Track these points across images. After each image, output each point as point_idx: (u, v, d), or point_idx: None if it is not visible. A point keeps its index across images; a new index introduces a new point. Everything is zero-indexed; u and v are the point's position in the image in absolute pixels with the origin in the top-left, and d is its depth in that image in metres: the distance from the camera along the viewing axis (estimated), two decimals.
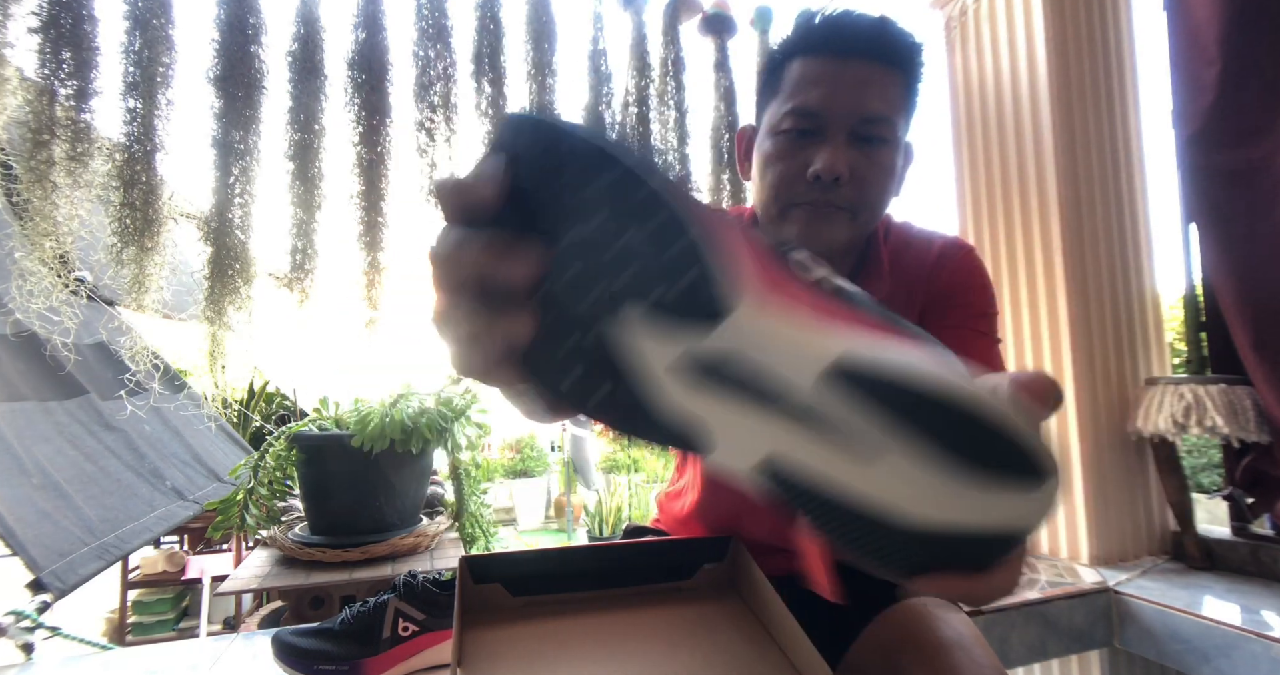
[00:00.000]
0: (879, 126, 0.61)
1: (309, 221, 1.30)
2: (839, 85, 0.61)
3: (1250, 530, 1.36)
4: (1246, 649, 1.03)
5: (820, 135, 0.62)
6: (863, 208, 0.63)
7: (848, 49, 0.61)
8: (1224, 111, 1.35)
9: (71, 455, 1.76)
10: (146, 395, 1.81)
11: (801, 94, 0.62)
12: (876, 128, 0.61)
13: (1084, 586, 1.24)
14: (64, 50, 1.10)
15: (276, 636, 0.83)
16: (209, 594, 2.56)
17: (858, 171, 0.61)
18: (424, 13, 1.39)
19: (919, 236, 0.75)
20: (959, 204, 1.69)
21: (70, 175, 1.11)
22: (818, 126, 0.62)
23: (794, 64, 0.64)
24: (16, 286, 1.10)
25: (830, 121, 0.61)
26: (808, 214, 0.63)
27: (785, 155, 0.63)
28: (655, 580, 0.62)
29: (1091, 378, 1.41)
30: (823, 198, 0.62)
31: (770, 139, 0.65)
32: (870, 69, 0.61)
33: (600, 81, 1.61)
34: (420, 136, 1.39)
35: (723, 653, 0.53)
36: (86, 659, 0.96)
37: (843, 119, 0.61)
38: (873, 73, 0.61)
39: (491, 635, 0.54)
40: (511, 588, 0.59)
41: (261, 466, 1.39)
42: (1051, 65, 1.44)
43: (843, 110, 0.61)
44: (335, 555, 1.29)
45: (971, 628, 0.63)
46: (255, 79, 1.25)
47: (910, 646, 0.60)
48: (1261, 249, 1.30)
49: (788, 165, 0.63)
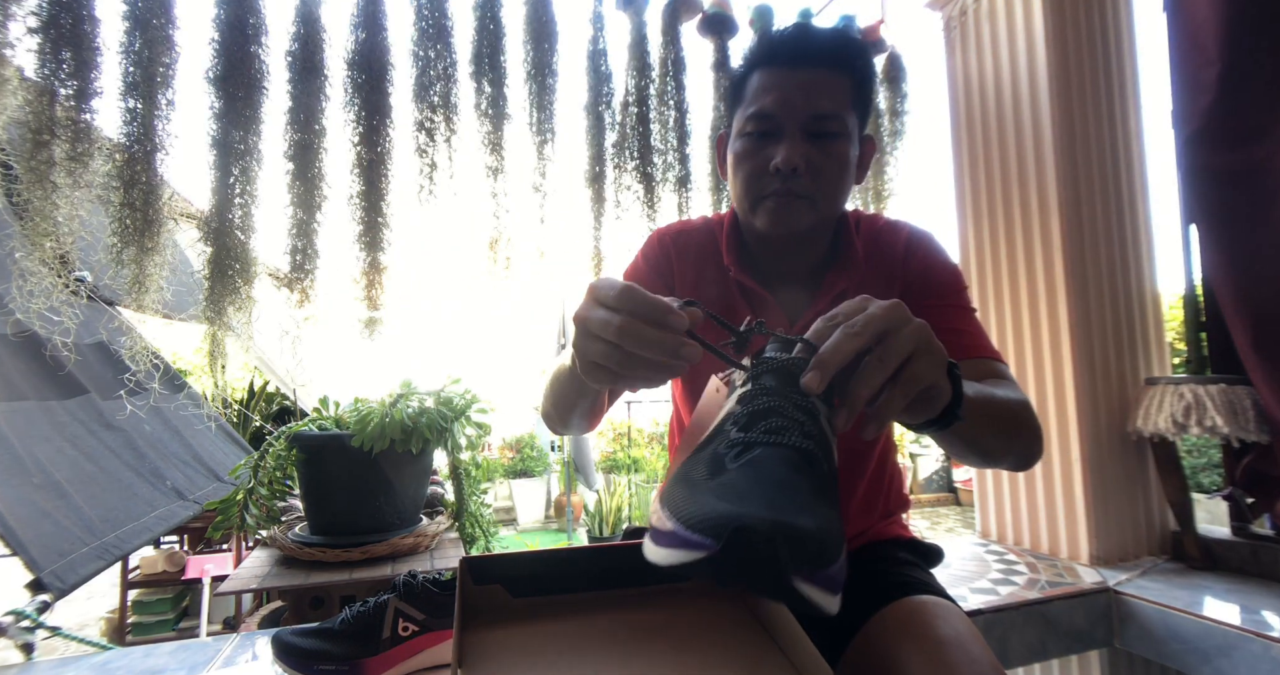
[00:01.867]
0: (829, 122, 0.70)
1: (309, 221, 1.30)
2: (790, 89, 0.70)
3: (1250, 530, 1.36)
4: (1246, 649, 1.03)
5: (779, 134, 0.71)
6: (821, 195, 0.72)
7: (797, 58, 0.71)
8: (1224, 111, 1.35)
9: (72, 455, 1.76)
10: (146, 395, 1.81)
11: (759, 100, 0.71)
12: (827, 123, 0.70)
13: (1084, 586, 1.24)
14: (64, 50, 1.10)
15: (276, 637, 0.83)
16: (209, 594, 2.56)
17: (814, 162, 0.70)
18: (424, 13, 1.39)
19: (887, 226, 0.82)
20: (959, 204, 1.69)
21: (70, 175, 1.11)
22: (775, 127, 0.71)
23: (754, 75, 0.73)
24: (17, 286, 1.10)
25: (785, 121, 0.70)
26: (775, 203, 0.72)
27: (750, 154, 0.73)
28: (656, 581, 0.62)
29: (1091, 378, 1.41)
30: (785, 187, 0.71)
31: (738, 141, 0.75)
32: (818, 73, 0.70)
33: (600, 81, 1.61)
34: (420, 136, 1.39)
35: (723, 653, 0.53)
36: (86, 659, 0.96)
37: (796, 118, 0.70)
38: (820, 76, 0.70)
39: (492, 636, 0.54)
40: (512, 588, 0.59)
41: (261, 466, 1.39)
42: (1051, 65, 1.44)
43: (795, 110, 0.70)
44: (335, 555, 1.29)
45: (969, 625, 0.63)
46: (255, 79, 1.25)
47: (908, 644, 0.61)
48: (1262, 249, 1.30)
49: (753, 163, 0.73)
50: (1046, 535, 1.47)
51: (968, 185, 1.67)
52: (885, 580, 0.72)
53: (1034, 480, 1.50)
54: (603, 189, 1.61)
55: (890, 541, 0.85)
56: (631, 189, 1.64)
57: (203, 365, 1.29)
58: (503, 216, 1.48)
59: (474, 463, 1.58)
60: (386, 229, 1.37)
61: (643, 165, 1.64)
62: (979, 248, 1.63)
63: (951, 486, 6.60)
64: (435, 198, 1.40)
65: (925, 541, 0.88)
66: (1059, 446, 1.44)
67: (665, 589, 0.62)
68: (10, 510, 1.39)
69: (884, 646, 0.62)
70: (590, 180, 1.60)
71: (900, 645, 0.61)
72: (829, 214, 0.74)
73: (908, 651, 0.60)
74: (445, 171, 1.41)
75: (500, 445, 6.59)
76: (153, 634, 2.80)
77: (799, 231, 0.74)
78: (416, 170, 1.39)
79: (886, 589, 0.69)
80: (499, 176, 1.47)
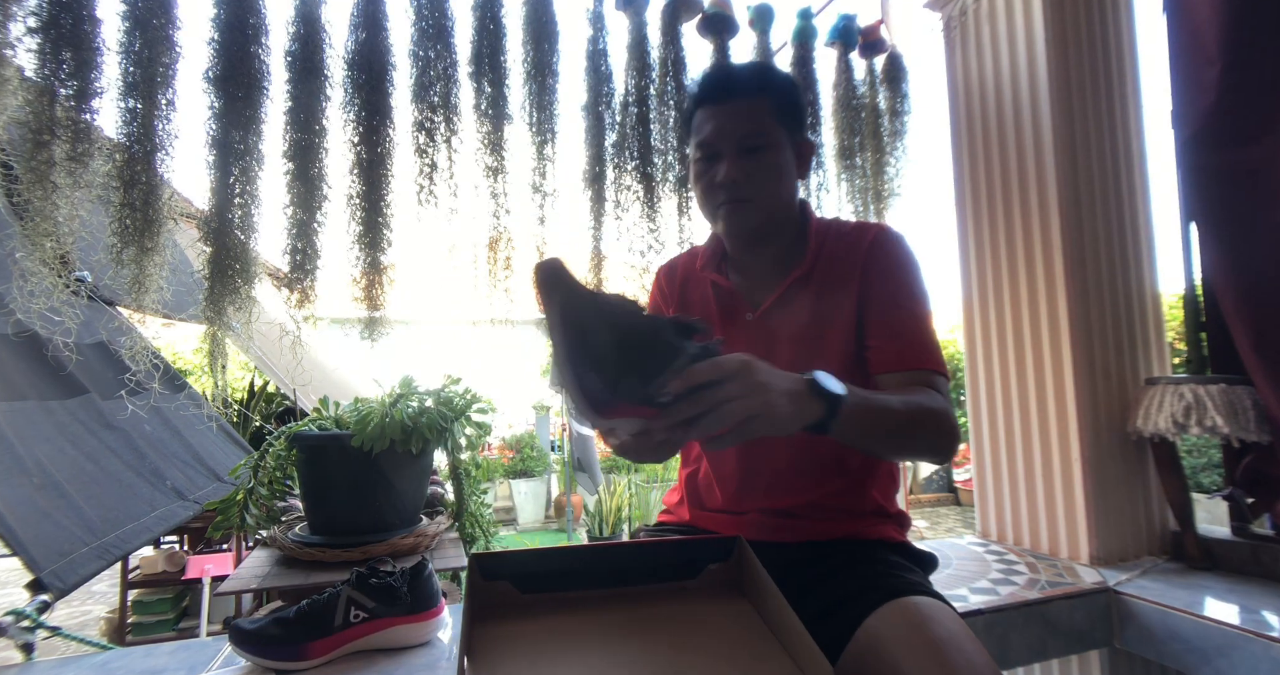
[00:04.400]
0: (755, 139, 0.85)
1: (309, 221, 1.30)
2: (722, 119, 0.86)
3: (1250, 530, 1.36)
4: (1246, 649, 1.03)
5: (719, 156, 0.86)
6: (762, 196, 0.86)
7: (719, 94, 0.87)
8: (1224, 111, 1.35)
9: (72, 455, 1.76)
10: (147, 395, 1.82)
11: (701, 132, 0.88)
12: (753, 140, 0.85)
13: (1084, 586, 1.24)
14: (64, 50, 1.10)
15: (234, 625, 0.88)
16: (209, 594, 2.56)
17: (749, 173, 0.85)
18: (424, 13, 1.39)
19: (855, 227, 0.92)
20: (959, 204, 1.69)
21: (70, 175, 1.11)
22: (715, 151, 0.87)
23: (697, 113, 0.89)
24: (17, 286, 1.10)
25: (722, 145, 0.86)
26: (726, 210, 0.87)
27: (701, 175, 0.89)
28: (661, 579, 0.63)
29: (1091, 378, 1.41)
30: (730, 196, 0.86)
31: (692, 167, 0.91)
32: (741, 102, 0.86)
33: (600, 81, 1.61)
34: (420, 137, 1.39)
35: (727, 650, 0.53)
36: (86, 659, 0.96)
37: (729, 141, 0.85)
38: (743, 104, 0.86)
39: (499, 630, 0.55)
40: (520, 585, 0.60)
41: (261, 466, 1.39)
42: (1051, 65, 1.44)
43: (727, 135, 0.85)
44: (335, 555, 1.29)
45: (963, 625, 0.64)
46: (255, 79, 1.25)
47: (904, 646, 0.61)
48: (1262, 249, 1.30)
49: (705, 182, 0.89)
50: (1046, 535, 1.47)
51: (968, 185, 1.67)
52: (879, 581, 0.73)
53: (1034, 480, 1.50)
54: (603, 189, 1.61)
55: (882, 543, 0.86)
56: (631, 189, 1.64)
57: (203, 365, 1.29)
58: (503, 217, 1.48)
59: (474, 463, 1.58)
60: (386, 229, 1.37)
61: (643, 165, 1.64)
62: (979, 248, 1.63)
63: (951, 486, 6.60)
64: (435, 198, 1.40)
65: (919, 548, 0.89)
66: (1059, 446, 1.44)
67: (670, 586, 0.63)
68: (10, 510, 1.39)
69: (881, 647, 0.63)
70: (590, 180, 1.60)
71: (897, 646, 0.62)
72: (774, 210, 0.88)
73: (905, 652, 0.60)
74: (445, 172, 1.41)
75: (500, 445, 6.59)
76: (153, 634, 2.80)
77: (753, 228, 0.88)
78: (416, 170, 1.39)
79: (880, 589, 0.70)
80: (499, 177, 1.47)
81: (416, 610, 0.94)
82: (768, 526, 0.87)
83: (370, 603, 0.90)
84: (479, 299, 1.51)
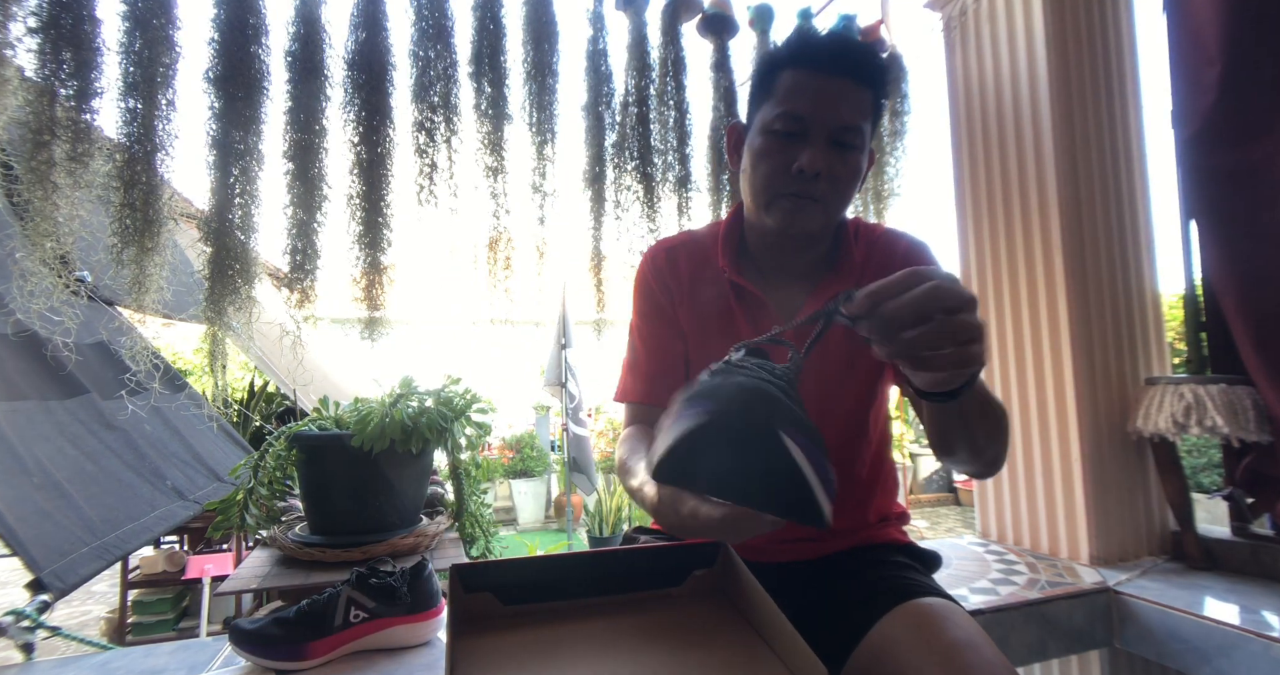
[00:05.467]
0: (852, 134, 0.73)
1: (309, 221, 1.30)
2: (823, 95, 0.72)
3: (1250, 530, 1.36)
4: (1246, 649, 1.03)
5: (804, 137, 0.73)
6: (833, 201, 0.75)
7: (833, 66, 0.72)
8: (1224, 111, 1.35)
9: (72, 455, 1.76)
10: (147, 395, 1.82)
11: (792, 101, 0.73)
12: (850, 135, 0.73)
13: (1084, 586, 1.24)
14: (64, 50, 1.10)
15: (234, 625, 0.88)
16: (209, 594, 2.56)
17: (833, 170, 0.73)
18: (424, 13, 1.39)
19: (885, 235, 0.85)
20: (959, 204, 1.69)
21: (70, 175, 1.11)
22: (802, 129, 0.73)
23: (786, 73, 0.74)
24: (17, 286, 1.10)
25: (813, 126, 0.73)
26: (790, 204, 0.75)
27: (774, 152, 0.74)
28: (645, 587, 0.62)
29: (1091, 378, 1.41)
30: (802, 190, 0.73)
31: (761, 136, 0.76)
32: (849, 85, 0.73)
33: (600, 81, 1.61)
34: (420, 137, 1.39)
35: (715, 657, 0.53)
36: (86, 659, 0.96)
37: (824, 125, 0.72)
38: (850, 88, 0.73)
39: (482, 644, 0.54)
40: (502, 596, 0.59)
41: (261, 466, 1.39)
42: (1051, 65, 1.44)
43: (825, 117, 0.72)
44: (335, 555, 1.29)
45: (977, 626, 0.64)
46: (255, 79, 1.25)
47: (920, 648, 0.60)
48: (1262, 249, 1.30)
49: (775, 161, 0.74)
50: (1046, 535, 1.47)
51: (968, 185, 1.67)
52: (888, 583, 0.72)
53: (1034, 480, 1.50)
54: (603, 189, 1.61)
55: (887, 545, 0.85)
56: (631, 189, 1.64)
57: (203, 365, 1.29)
58: (503, 217, 1.47)
59: (474, 463, 1.57)
60: (386, 229, 1.37)
61: (643, 165, 1.64)
62: (979, 248, 1.63)
63: (951, 486, 6.60)
64: (435, 198, 1.40)
65: (924, 548, 0.88)
66: (1059, 446, 1.44)
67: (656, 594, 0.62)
68: (10, 510, 1.39)
69: (894, 650, 0.62)
70: (590, 180, 1.60)
71: (912, 649, 0.61)
72: (835, 219, 0.79)
73: (920, 655, 0.60)
74: (445, 172, 1.41)
75: (500, 445, 6.59)
76: (153, 634, 2.80)
77: (807, 233, 0.77)
78: (416, 170, 1.39)
79: (891, 592, 0.69)
80: (499, 177, 1.47)
81: (417, 610, 0.94)
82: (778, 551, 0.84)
83: (370, 603, 0.90)
84: (479, 299, 1.51)
